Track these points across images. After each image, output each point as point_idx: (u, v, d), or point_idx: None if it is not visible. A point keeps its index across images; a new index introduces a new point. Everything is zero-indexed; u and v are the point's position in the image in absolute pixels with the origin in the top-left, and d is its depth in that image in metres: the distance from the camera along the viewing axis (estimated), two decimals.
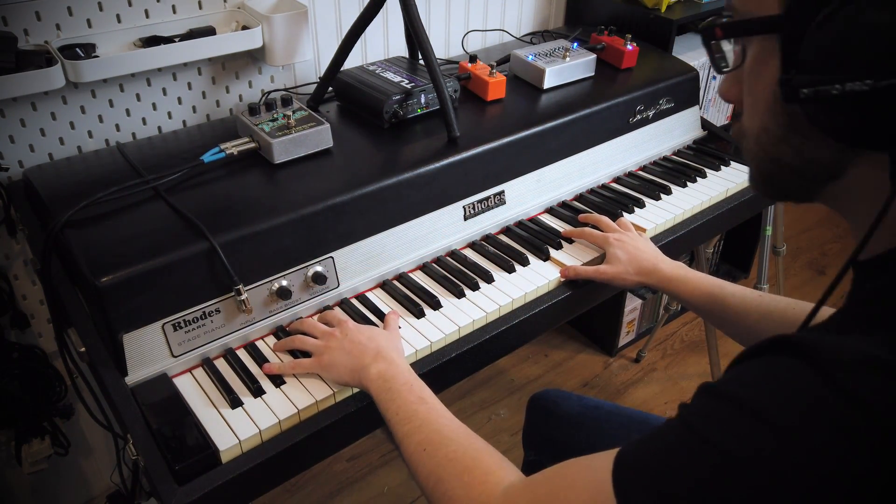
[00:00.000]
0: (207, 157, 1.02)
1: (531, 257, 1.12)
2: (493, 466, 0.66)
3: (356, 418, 0.88)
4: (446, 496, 0.65)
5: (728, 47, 0.58)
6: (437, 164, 1.08)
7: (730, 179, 1.35)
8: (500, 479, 0.64)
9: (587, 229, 1.16)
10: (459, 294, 1.04)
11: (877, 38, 0.43)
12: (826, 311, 0.58)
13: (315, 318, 0.98)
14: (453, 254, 1.13)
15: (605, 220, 1.17)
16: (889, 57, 0.43)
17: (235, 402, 0.85)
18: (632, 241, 1.09)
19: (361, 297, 1.04)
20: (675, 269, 1.03)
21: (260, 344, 0.96)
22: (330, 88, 1.24)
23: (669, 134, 1.44)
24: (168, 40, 1.18)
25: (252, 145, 1.05)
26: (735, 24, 0.54)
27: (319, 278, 0.99)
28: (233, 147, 1.04)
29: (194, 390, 0.88)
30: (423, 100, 1.19)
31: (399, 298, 1.03)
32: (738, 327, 0.94)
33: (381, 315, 1.00)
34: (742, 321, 0.93)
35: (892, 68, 0.43)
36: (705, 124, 1.51)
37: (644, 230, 1.20)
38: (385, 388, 0.79)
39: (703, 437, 0.46)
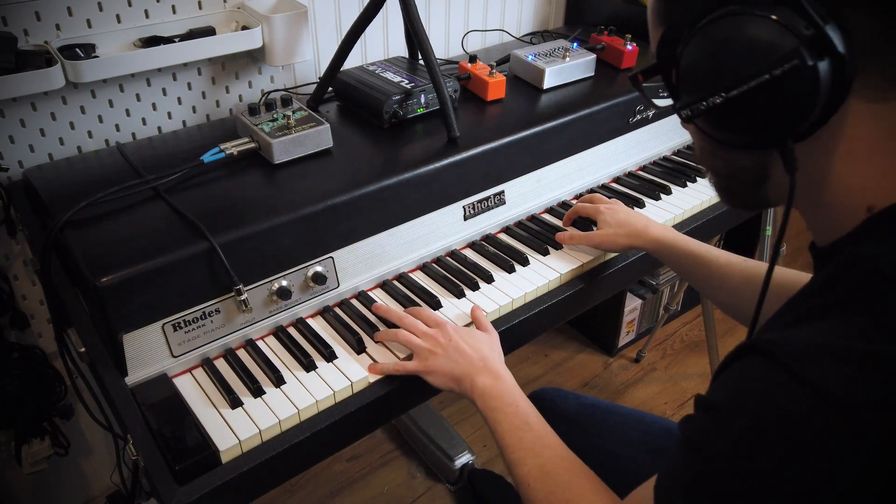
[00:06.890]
0: (207, 158, 1.02)
1: (531, 257, 1.12)
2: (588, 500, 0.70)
3: (356, 418, 0.88)
4: None
5: None
6: (437, 164, 1.08)
7: None
8: None
9: (578, 204, 1.20)
10: (459, 294, 1.04)
11: (716, 62, 0.53)
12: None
13: (404, 311, 0.98)
14: (453, 254, 1.13)
15: (595, 195, 1.22)
16: (728, 74, 0.52)
17: (235, 403, 0.85)
18: (622, 209, 1.14)
19: (362, 297, 1.04)
20: (665, 232, 1.07)
21: (260, 343, 0.96)
22: (330, 88, 1.24)
23: (669, 134, 1.44)
24: (168, 40, 1.18)
25: (252, 145, 1.05)
26: (646, 69, 0.63)
27: (319, 278, 0.99)
28: (233, 147, 1.04)
29: (194, 390, 0.88)
30: (422, 100, 1.19)
31: (399, 298, 1.03)
32: (722, 291, 0.98)
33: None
34: (725, 285, 0.97)
35: (732, 82, 0.51)
36: None
37: None
38: (492, 406, 0.82)
39: (703, 454, 0.50)
